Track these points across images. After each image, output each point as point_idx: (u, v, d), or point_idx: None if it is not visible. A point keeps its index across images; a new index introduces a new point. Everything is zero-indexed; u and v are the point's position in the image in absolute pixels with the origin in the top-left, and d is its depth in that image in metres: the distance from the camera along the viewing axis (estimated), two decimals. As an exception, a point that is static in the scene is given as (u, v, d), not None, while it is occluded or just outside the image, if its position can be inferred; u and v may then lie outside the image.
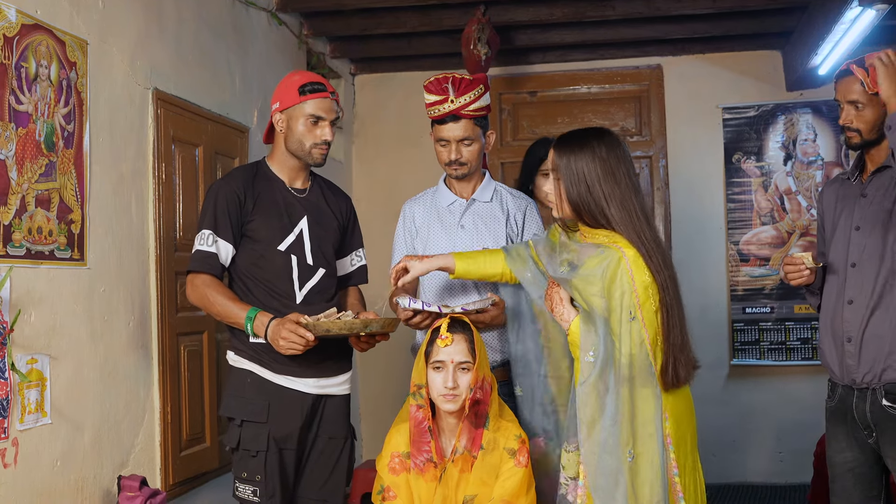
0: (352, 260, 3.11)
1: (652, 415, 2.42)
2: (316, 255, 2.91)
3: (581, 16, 4.99)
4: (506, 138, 5.97)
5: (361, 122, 6.05)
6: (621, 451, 2.39)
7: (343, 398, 2.97)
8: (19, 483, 2.65)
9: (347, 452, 2.96)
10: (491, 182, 3.15)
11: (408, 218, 3.19)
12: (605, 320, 2.43)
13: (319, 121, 2.85)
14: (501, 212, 3.09)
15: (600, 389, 2.41)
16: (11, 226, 2.64)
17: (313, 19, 5.12)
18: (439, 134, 3.02)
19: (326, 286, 2.93)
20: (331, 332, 2.68)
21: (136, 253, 3.34)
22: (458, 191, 3.12)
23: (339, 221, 3.03)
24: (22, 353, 2.66)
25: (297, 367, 2.81)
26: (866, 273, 2.80)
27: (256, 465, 2.77)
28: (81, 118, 2.99)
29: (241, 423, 2.79)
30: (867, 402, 2.78)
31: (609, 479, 2.39)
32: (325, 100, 2.86)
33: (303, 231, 2.89)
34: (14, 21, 2.68)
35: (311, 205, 2.95)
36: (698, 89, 5.70)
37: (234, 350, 2.87)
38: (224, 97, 4.08)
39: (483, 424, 2.59)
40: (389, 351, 4.45)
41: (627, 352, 2.41)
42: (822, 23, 4.52)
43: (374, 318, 2.75)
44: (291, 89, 2.85)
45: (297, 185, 2.94)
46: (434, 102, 2.99)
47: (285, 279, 2.84)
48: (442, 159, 3.05)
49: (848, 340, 2.81)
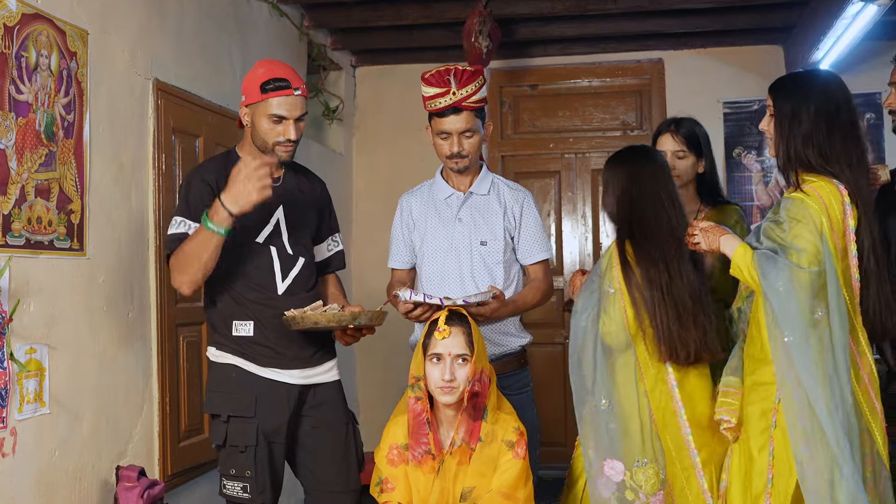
0: (328, 245, 3.07)
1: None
2: (295, 244, 2.88)
3: (582, 9, 4.98)
4: (506, 131, 5.97)
5: (362, 114, 6.04)
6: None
7: (334, 384, 2.95)
8: (17, 473, 2.65)
9: (353, 438, 2.94)
10: (488, 174, 3.14)
11: (405, 211, 3.18)
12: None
13: (283, 119, 2.77)
14: (499, 204, 3.08)
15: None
16: (11, 215, 2.64)
17: (314, 11, 5.11)
18: (440, 127, 3.00)
19: (307, 275, 2.91)
20: (319, 324, 2.66)
21: (136, 243, 3.34)
22: (456, 184, 3.12)
23: (315, 207, 3.00)
24: (21, 342, 2.66)
25: (282, 360, 2.80)
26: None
27: (245, 461, 2.74)
28: (81, 108, 2.99)
29: (228, 419, 2.76)
30: None
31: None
32: (289, 97, 2.76)
33: (279, 220, 2.86)
34: (14, 10, 2.67)
35: (286, 193, 2.90)
36: (699, 84, 5.70)
37: (216, 345, 2.85)
38: (225, 88, 4.07)
39: (481, 417, 2.59)
40: (389, 343, 4.47)
41: None
42: (823, 18, 4.51)
43: (362, 311, 2.72)
44: (254, 85, 2.78)
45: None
46: (434, 95, 2.97)
47: (266, 271, 2.81)
48: (443, 152, 3.04)
49: None
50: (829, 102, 2.58)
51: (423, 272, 3.10)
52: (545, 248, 3.13)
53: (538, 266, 3.12)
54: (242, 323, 2.80)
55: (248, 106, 2.82)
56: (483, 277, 3.01)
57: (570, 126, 5.94)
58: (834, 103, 2.59)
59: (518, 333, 3.11)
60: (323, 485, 2.89)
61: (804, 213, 2.50)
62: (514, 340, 3.07)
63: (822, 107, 2.57)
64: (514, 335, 3.08)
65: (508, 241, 3.07)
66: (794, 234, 2.49)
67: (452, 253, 3.05)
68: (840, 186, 2.52)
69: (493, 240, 3.04)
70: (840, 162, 2.55)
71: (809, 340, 2.43)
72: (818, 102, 2.58)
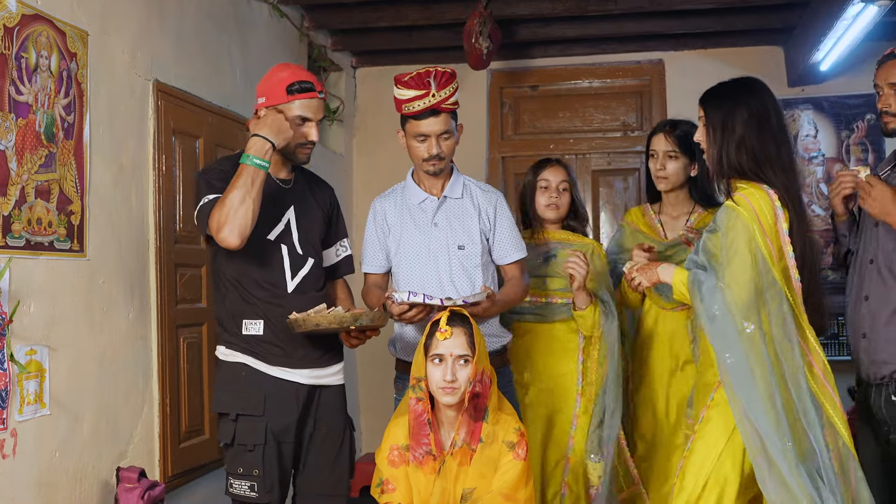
0: (337, 250, 3.08)
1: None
2: (304, 244, 2.88)
3: (583, 10, 4.98)
4: (507, 132, 5.96)
5: (362, 115, 6.04)
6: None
7: (338, 388, 2.96)
8: (18, 474, 2.65)
9: (348, 443, 2.95)
10: (460, 177, 3.14)
11: (378, 215, 3.17)
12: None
13: (306, 122, 2.81)
14: (473, 207, 3.09)
15: None
16: (11, 217, 2.64)
17: (315, 12, 5.11)
18: (417, 130, 3.00)
19: (316, 276, 2.91)
20: (321, 326, 2.67)
21: (136, 245, 3.34)
22: (428, 187, 3.11)
23: (324, 212, 3.01)
24: (21, 344, 2.66)
25: (291, 359, 2.80)
26: (883, 271, 2.78)
27: (254, 460, 2.74)
28: (82, 109, 2.99)
29: (237, 418, 2.76)
30: (882, 398, 2.76)
31: None
32: (314, 100, 2.82)
33: (290, 221, 2.87)
34: (14, 11, 2.67)
35: (297, 195, 2.92)
36: (700, 84, 5.55)
37: (226, 344, 2.85)
38: (225, 89, 4.07)
39: (482, 417, 2.59)
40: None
41: None
42: (824, 19, 4.51)
43: (364, 312, 2.72)
44: (279, 87, 2.80)
45: (281, 176, 2.91)
46: (412, 98, 2.95)
47: (276, 269, 2.82)
48: (419, 155, 3.03)
49: (863, 336, 2.80)
50: (759, 108, 2.63)
51: (401, 277, 3.09)
52: (520, 247, 3.16)
53: (514, 265, 3.15)
54: (252, 322, 2.80)
55: (268, 108, 2.82)
56: (462, 281, 3.01)
57: (571, 127, 5.93)
58: (764, 109, 2.64)
59: (499, 333, 3.13)
60: (313, 487, 2.90)
61: (735, 221, 2.54)
62: (496, 340, 3.09)
63: (753, 113, 2.62)
64: (496, 335, 3.11)
65: (485, 244, 3.08)
66: (727, 245, 2.54)
67: (430, 258, 3.05)
68: (769, 191, 2.57)
69: (471, 243, 3.05)
70: (773, 166, 2.60)
71: (748, 357, 2.49)
72: (749, 109, 2.63)
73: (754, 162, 2.60)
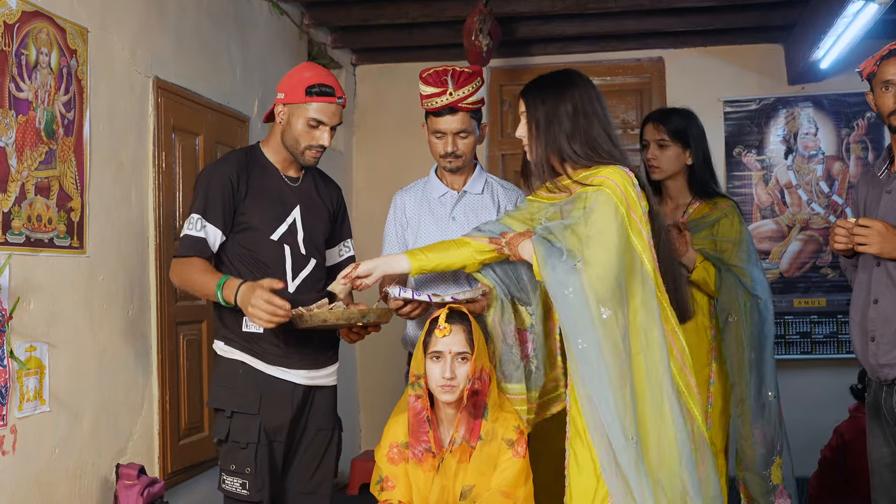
0: (340, 251, 3.08)
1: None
2: (308, 245, 2.89)
3: (583, 8, 4.98)
4: (506, 130, 5.96)
5: (362, 112, 6.04)
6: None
7: (331, 389, 2.96)
8: (17, 470, 2.65)
9: (335, 444, 2.96)
10: (482, 174, 3.15)
11: (398, 209, 3.18)
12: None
13: (320, 125, 2.80)
14: (493, 203, 3.10)
15: None
16: (11, 213, 2.64)
17: (314, 9, 5.11)
18: (435, 126, 3.01)
19: (317, 277, 2.92)
20: (328, 322, 2.66)
21: (136, 242, 3.34)
22: (450, 182, 3.12)
23: (330, 211, 3.01)
24: (21, 340, 2.66)
25: (290, 359, 2.80)
26: (893, 274, 2.73)
27: (246, 458, 2.74)
28: (82, 106, 2.99)
29: (232, 415, 2.76)
30: (893, 400, 2.73)
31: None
32: (331, 105, 2.80)
33: (296, 220, 2.87)
34: (14, 8, 2.67)
35: (304, 194, 2.92)
36: (700, 82, 5.69)
37: (224, 340, 2.85)
38: (225, 86, 4.07)
39: (482, 415, 2.59)
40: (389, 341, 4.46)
41: None
42: (824, 16, 4.51)
43: (370, 309, 2.72)
44: (299, 86, 2.79)
45: (290, 174, 2.91)
46: (431, 94, 2.97)
47: (278, 269, 2.81)
48: (436, 151, 3.05)
49: (872, 339, 2.77)
50: (583, 99, 2.62)
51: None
52: None
53: None
54: None
55: (286, 105, 2.82)
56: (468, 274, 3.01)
57: (571, 125, 5.92)
58: (588, 98, 2.62)
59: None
60: (297, 486, 2.90)
61: (600, 200, 2.46)
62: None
63: (577, 105, 2.60)
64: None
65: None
66: (590, 223, 2.45)
67: None
68: (626, 170, 2.53)
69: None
70: (610, 151, 2.59)
71: (602, 345, 2.38)
72: (573, 101, 2.61)
73: (591, 149, 2.58)
